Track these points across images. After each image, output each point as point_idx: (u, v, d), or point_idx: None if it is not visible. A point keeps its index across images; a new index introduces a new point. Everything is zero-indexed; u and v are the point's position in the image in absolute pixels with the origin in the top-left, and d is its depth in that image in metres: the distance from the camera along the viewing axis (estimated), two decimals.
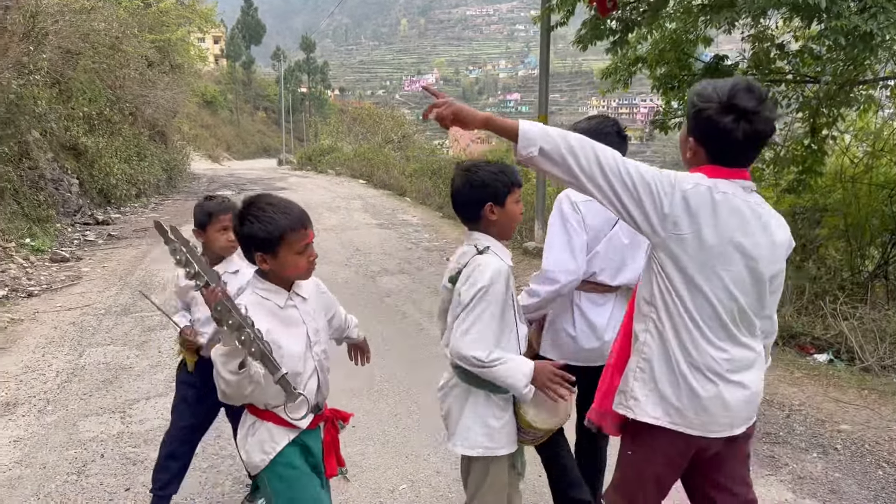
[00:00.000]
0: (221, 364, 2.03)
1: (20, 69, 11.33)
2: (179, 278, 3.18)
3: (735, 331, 2.03)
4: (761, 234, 2.01)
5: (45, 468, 3.85)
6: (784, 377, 5.40)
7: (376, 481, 3.73)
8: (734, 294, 2.00)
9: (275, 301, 2.26)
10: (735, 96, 1.95)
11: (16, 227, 10.53)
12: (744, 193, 2.03)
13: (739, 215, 1.99)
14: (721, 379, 2.02)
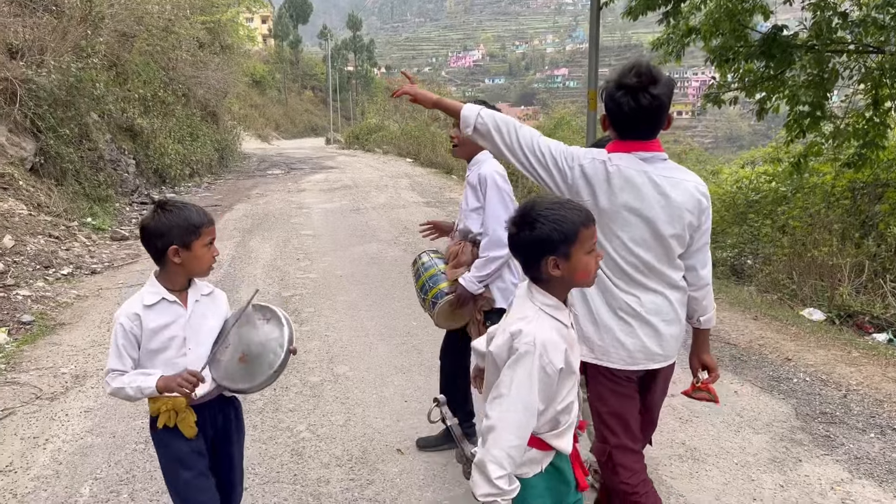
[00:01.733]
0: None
1: (79, 53, 11.66)
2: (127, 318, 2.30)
3: (644, 280, 2.36)
4: (656, 198, 2.31)
5: (115, 437, 4.03)
6: (841, 357, 5.29)
7: (429, 454, 3.81)
8: (634, 251, 2.33)
9: (562, 321, 1.95)
10: (624, 75, 2.32)
11: (78, 206, 10.91)
12: (641, 164, 2.32)
13: (631, 183, 2.30)
14: (635, 319, 2.37)
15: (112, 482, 3.54)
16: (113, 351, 2.29)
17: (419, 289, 3.58)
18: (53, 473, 3.62)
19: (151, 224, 2.30)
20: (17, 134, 10.66)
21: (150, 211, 2.35)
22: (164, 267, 2.36)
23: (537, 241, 1.89)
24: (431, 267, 3.53)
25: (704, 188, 2.41)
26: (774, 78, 8.60)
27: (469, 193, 3.44)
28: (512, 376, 1.85)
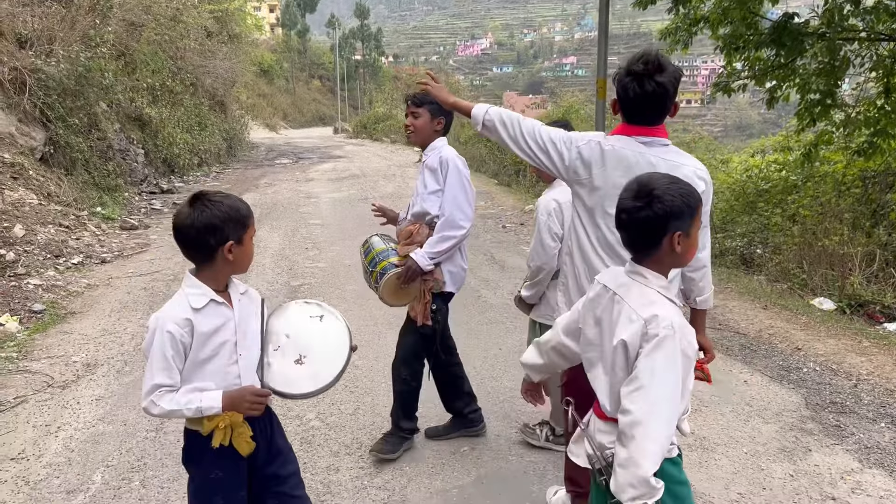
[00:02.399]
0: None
1: (87, 42, 11.67)
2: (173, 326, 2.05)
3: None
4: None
5: (126, 425, 4.06)
6: (852, 346, 5.27)
7: (438, 442, 3.82)
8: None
9: (676, 302, 1.97)
10: (632, 63, 2.42)
11: (87, 196, 10.95)
12: (639, 147, 2.43)
13: (625, 163, 2.41)
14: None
15: (123, 470, 3.57)
16: (158, 364, 2.01)
17: (368, 263, 3.57)
18: (65, 461, 3.66)
19: (201, 219, 2.06)
20: (26, 124, 10.69)
21: (188, 206, 2.10)
22: (210, 265, 2.12)
23: (666, 214, 1.82)
24: (381, 245, 3.59)
25: (704, 173, 2.46)
26: (785, 66, 8.53)
27: (428, 176, 3.49)
28: (652, 365, 1.77)
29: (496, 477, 3.48)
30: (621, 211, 1.90)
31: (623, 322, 1.86)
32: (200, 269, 2.15)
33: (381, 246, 3.57)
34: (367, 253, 3.62)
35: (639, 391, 1.77)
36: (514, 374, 4.74)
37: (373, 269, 3.51)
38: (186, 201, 2.13)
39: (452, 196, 3.42)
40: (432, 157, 3.50)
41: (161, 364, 2.02)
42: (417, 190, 3.58)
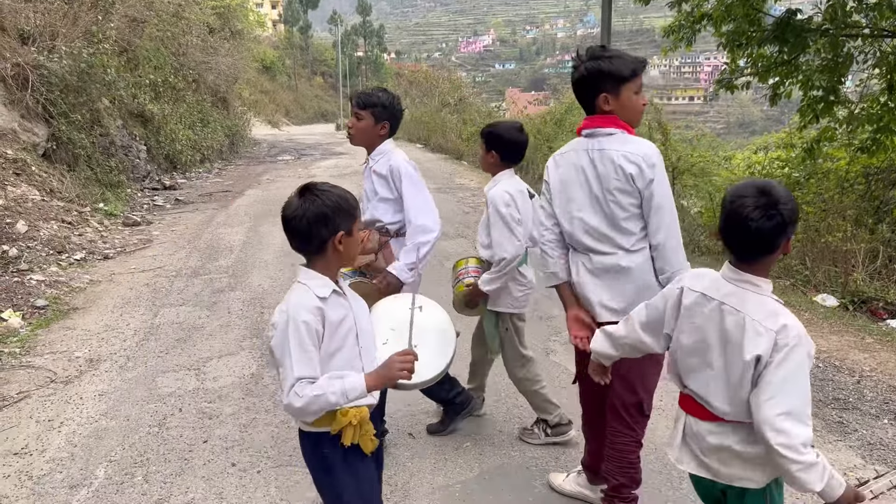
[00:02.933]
0: None
1: (89, 38, 11.67)
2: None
3: (594, 244, 2.73)
4: (590, 171, 2.69)
5: (129, 420, 4.07)
6: (855, 343, 5.27)
7: (441, 439, 3.83)
8: (584, 219, 2.73)
9: None
10: (581, 51, 2.76)
11: (90, 192, 10.96)
12: (583, 142, 2.73)
13: (573, 165, 2.75)
14: (589, 276, 2.77)
15: (126, 464, 3.57)
16: (298, 356, 1.94)
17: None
18: (68, 456, 3.66)
19: (312, 210, 2.03)
20: (29, 120, 10.69)
21: (298, 197, 2.07)
22: (322, 256, 2.09)
23: (790, 221, 1.87)
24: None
25: (637, 156, 2.58)
26: (788, 63, 8.51)
27: (377, 183, 3.46)
28: (785, 374, 1.83)
29: (498, 472, 3.49)
30: (747, 219, 1.87)
31: (751, 336, 1.89)
32: (312, 261, 2.11)
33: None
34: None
35: (777, 398, 1.83)
36: None
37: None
38: (295, 193, 2.09)
39: (413, 203, 3.36)
40: (381, 162, 3.45)
41: (300, 356, 1.95)
42: (367, 195, 3.53)
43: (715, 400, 2.00)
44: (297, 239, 2.09)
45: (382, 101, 3.43)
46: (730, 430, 1.99)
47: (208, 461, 3.60)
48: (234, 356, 5.08)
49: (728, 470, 2.02)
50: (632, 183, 2.59)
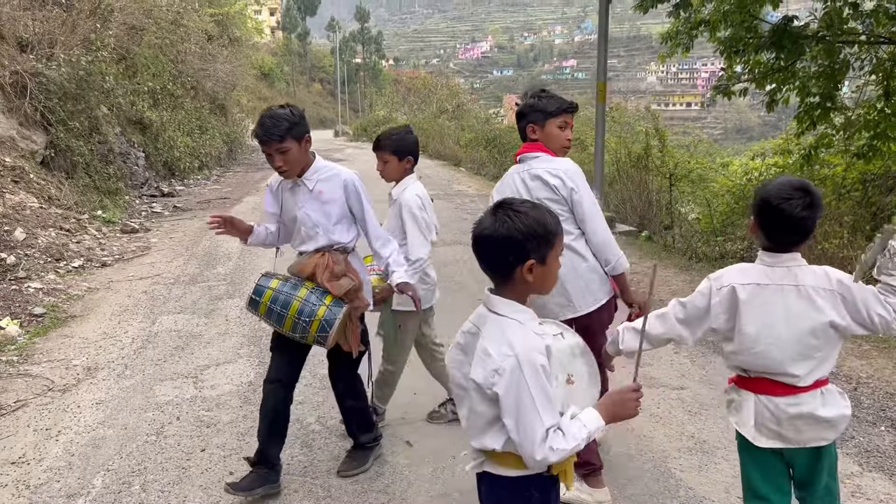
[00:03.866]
0: None
1: (88, 46, 11.69)
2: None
3: None
4: (522, 188, 3.18)
5: (126, 429, 4.07)
6: (852, 350, 5.27)
7: (438, 447, 3.82)
8: None
9: None
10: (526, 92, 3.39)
11: (88, 199, 10.96)
12: (518, 167, 3.26)
13: (508, 187, 3.23)
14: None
15: (124, 473, 3.57)
16: (543, 404, 1.74)
17: (289, 330, 3.16)
18: (66, 465, 3.66)
19: (501, 231, 1.79)
20: (27, 127, 10.70)
21: (491, 215, 1.83)
22: (509, 284, 1.84)
23: (820, 215, 2.24)
24: (291, 300, 3.15)
25: (559, 171, 3.11)
26: (785, 69, 8.54)
27: (330, 207, 3.28)
28: (864, 293, 2.23)
29: None
30: (799, 219, 2.19)
31: (820, 302, 2.22)
32: (499, 287, 1.87)
33: (293, 301, 3.14)
34: (278, 317, 3.16)
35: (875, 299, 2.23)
36: None
37: (303, 334, 3.15)
38: (490, 209, 1.87)
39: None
40: (334, 182, 3.31)
41: (545, 403, 1.75)
42: (314, 220, 3.27)
43: (793, 368, 2.24)
44: (483, 261, 1.87)
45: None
46: (807, 398, 2.26)
47: (206, 470, 3.60)
48: (231, 364, 5.07)
49: (804, 435, 2.29)
50: (557, 192, 3.10)
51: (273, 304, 3.16)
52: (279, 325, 3.17)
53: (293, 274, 3.31)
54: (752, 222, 2.30)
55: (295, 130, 3.16)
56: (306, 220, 3.29)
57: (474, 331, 1.89)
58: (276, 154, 3.15)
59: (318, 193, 3.28)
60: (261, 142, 3.19)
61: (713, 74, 61.08)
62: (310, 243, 3.32)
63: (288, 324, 3.14)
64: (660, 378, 4.75)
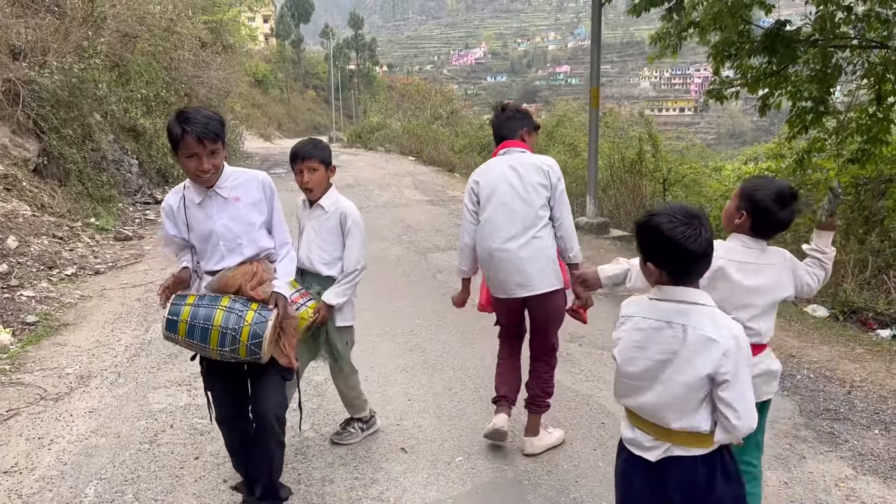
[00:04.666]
0: None
1: (81, 53, 11.67)
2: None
3: (512, 230, 3.58)
4: (511, 174, 3.61)
5: (119, 437, 4.04)
6: (845, 353, 5.29)
7: (433, 453, 3.81)
8: (511, 206, 3.59)
9: None
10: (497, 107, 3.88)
11: (81, 206, 10.92)
12: (502, 159, 3.69)
13: (496, 175, 3.65)
14: (498, 263, 3.63)
15: (117, 482, 3.55)
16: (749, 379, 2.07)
17: (216, 346, 2.82)
18: (58, 474, 3.63)
19: (705, 237, 2.04)
20: (20, 135, 10.66)
21: (696, 227, 2.02)
22: (694, 281, 2.13)
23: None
24: (213, 311, 2.82)
25: (546, 164, 3.63)
26: (777, 74, 8.57)
27: (251, 210, 3.01)
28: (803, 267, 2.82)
29: (491, 487, 3.48)
30: (783, 221, 2.62)
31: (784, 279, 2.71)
32: (681, 283, 2.09)
33: (215, 314, 2.81)
34: (201, 335, 2.81)
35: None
36: None
37: (234, 346, 2.82)
38: (689, 222, 2.02)
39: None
40: (251, 185, 3.07)
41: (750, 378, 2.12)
42: (235, 231, 2.96)
43: (756, 324, 2.62)
44: (693, 264, 2.07)
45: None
46: (765, 356, 2.68)
47: (200, 478, 3.58)
48: None
49: (758, 391, 2.44)
50: (548, 178, 3.59)
51: (194, 320, 2.80)
52: (204, 341, 2.81)
53: (215, 291, 2.92)
54: (742, 216, 2.64)
55: (223, 133, 2.91)
56: (226, 233, 2.95)
57: (657, 326, 2.09)
58: (206, 156, 2.82)
59: (233, 201, 2.97)
60: (196, 139, 2.77)
61: (706, 80, 61.30)
62: (232, 257, 2.97)
63: (214, 338, 2.80)
64: None
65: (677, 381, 2.05)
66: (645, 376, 2.11)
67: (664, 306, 2.09)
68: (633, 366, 2.14)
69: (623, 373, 2.18)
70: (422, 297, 7.04)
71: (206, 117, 2.82)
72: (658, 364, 2.08)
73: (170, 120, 2.86)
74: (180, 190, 3.04)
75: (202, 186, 2.95)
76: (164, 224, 3.07)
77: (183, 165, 2.87)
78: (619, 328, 2.20)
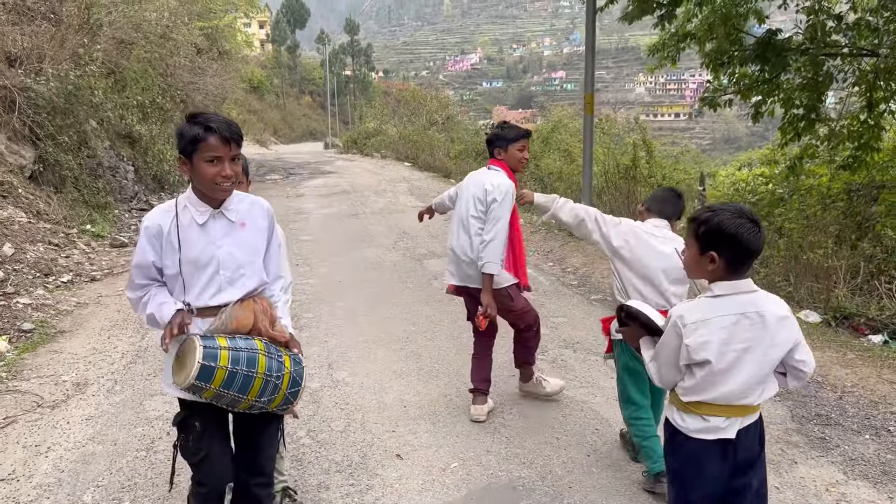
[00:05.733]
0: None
1: (77, 60, 11.69)
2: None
3: (462, 232, 4.21)
4: (466, 188, 4.28)
5: (116, 445, 4.06)
6: (836, 359, 5.33)
7: (428, 459, 3.84)
8: (462, 213, 4.23)
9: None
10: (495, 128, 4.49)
11: (77, 213, 10.93)
12: (486, 172, 4.26)
13: (475, 179, 4.28)
14: (454, 257, 4.30)
15: (114, 489, 3.57)
16: None
17: (254, 397, 2.50)
18: (56, 481, 3.65)
19: (763, 237, 2.33)
20: (15, 142, 10.68)
21: (757, 225, 2.28)
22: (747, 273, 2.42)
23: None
24: (255, 355, 2.49)
25: (490, 183, 4.11)
26: (769, 81, 8.65)
27: (257, 236, 2.71)
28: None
29: (485, 493, 3.51)
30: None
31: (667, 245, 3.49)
32: (745, 275, 2.34)
33: (257, 353, 2.50)
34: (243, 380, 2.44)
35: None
36: (504, 389, 4.77)
37: (277, 384, 2.54)
38: (754, 221, 2.27)
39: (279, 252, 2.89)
40: (256, 211, 2.72)
41: None
42: (239, 260, 2.62)
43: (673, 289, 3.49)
44: (754, 257, 2.34)
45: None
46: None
47: None
48: None
49: None
50: (486, 196, 4.10)
51: (236, 366, 2.42)
52: (243, 392, 2.45)
53: (224, 332, 2.53)
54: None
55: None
56: (229, 262, 2.59)
57: (735, 320, 2.29)
58: (227, 162, 2.51)
59: (239, 227, 2.64)
60: (221, 140, 2.50)
61: (701, 85, 61.53)
62: (232, 290, 2.60)
63: (256, 387, 2.47)
64: None
65: (765, 362, 2.30)
66: (730, 368, 2.29)
67: (733, 300, 2.30)
68: (723, 362, 2.29)
69: (713, 371, 2.30)
70: (417, 303, 7.07)
71: (225, 119, 2.58)
72: (741, 353, 2.28)
73: (182, 125, 2.62)
74: (171, 209, 2.60)
75: (211, 203, 2.59)
76: (139, 248, 2.59)
77: (200, 173, 2.51)
78: (695, 333, 2.30)
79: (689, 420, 2.37)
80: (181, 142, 2.59)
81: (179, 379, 2.46)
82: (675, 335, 2.33)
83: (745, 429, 2.36)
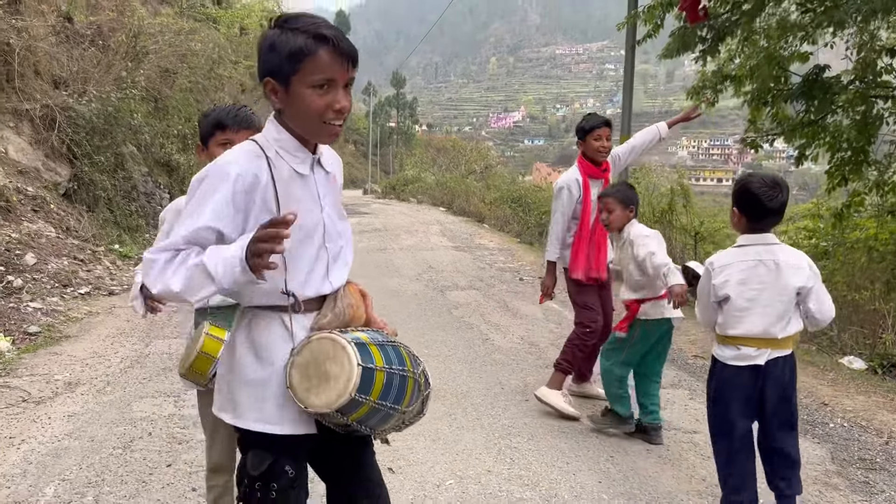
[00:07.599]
0: None
1: (119, 83, 11.91)
2: None
3: None
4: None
5: (93, 441, 3.81)
6: (883, 403, 4.87)
7: (422, 475, 3.51)
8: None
9: None
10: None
11: (107, 233, 10.95)
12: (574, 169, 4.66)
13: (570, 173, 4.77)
14: None
15: (79, 484, 3.30)
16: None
17: (408, 403, 1.84)
18: (20, 472, 3.40)
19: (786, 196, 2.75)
20: (53, 159, 10.82)
21: (778, 185, 2.70)
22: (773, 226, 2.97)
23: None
24: (400, 353, 1.86)
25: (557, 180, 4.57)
26: (814, 123, 8.29)
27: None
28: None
29: None
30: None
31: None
32: (768, 230, 2.75)
33: (402, 351, 1.88)
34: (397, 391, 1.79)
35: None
36: (512, 412, 4.43)
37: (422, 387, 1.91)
38: (774, 185, 2.68)
39: None
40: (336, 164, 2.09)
41: None
42: (339, 228, 2.00)
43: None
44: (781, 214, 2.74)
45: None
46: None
47: (168, 484, 3.32)
48: None
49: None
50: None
51: (391, 366, 1.78)
52: (398, 402, 1.78)
53: (340, 328, 1.83)
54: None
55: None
56: (332, 229, 1.92)
57: (753, 265, 2.70)
58: (342, 89, 1.78)
59: (333, 180, 1.98)
60: (339, 54, 1.72)
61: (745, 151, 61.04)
62: (337, 269, 1.93)
63: (409, 392, 1.83)
64: (672, 421, 4.39)
65: (778, 301, 2.67)
66: (751, 306, 2.69)
67: (753, 249, 2.71)
68: (742, 299, 2.70)
69: (735, 307, 2.70)
70: (434, 329, 6.79)
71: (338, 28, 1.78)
72: (758, 292, 2.68)
73: (269, 34, 1.74)
74: (258, 153, 1.79)
75: (320, 143, 1.88)
76: (208, 203, 1.69)
77: (302, 104, 1.74)
78: (721, 274, 2.73)
79: (725, 350, 2.77)
80: (270, 59, 1.72)
81: (322, 399, 1.69)
82: (708, 277, 2.78)
83: (775, 360, 2.70)
